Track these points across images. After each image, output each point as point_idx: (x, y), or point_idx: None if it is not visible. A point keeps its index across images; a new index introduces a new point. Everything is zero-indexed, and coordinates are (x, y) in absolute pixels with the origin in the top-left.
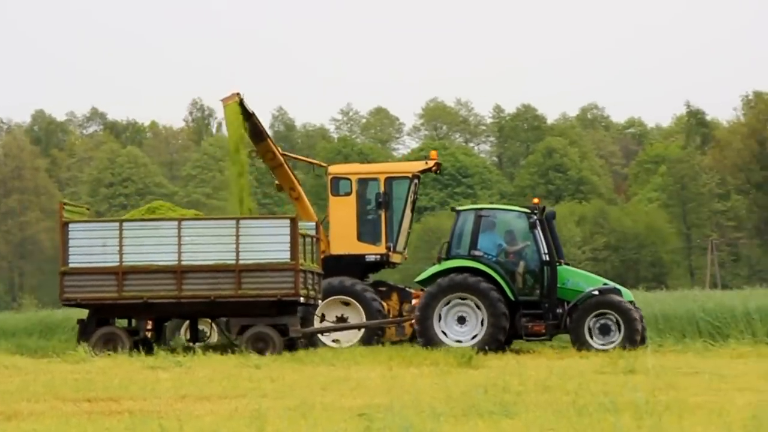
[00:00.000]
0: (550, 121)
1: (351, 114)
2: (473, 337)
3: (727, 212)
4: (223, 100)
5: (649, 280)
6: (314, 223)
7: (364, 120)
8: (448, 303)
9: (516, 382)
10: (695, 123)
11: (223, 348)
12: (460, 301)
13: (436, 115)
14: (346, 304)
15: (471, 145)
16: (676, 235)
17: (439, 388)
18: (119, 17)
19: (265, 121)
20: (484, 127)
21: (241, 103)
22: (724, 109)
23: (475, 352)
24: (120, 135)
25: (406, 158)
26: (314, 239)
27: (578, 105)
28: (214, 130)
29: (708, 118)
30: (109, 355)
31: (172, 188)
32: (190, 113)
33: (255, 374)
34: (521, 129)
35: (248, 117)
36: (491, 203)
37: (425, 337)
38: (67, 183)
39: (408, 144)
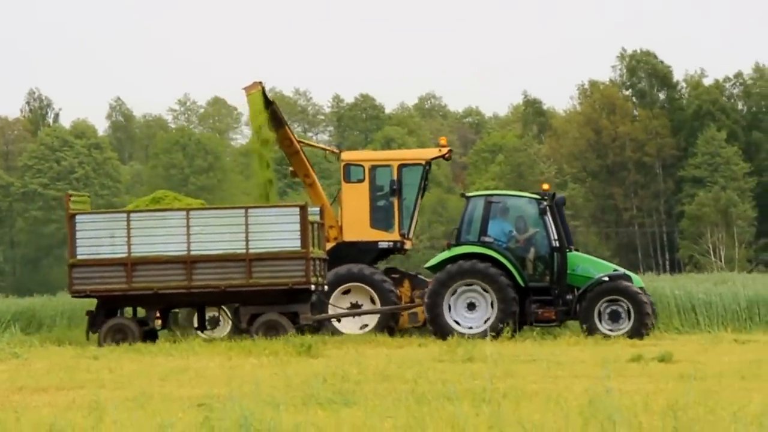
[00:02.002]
0: (388, 110)
1: (189, 104)
2: (485, 322)
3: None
4: (245, 89)
5: None
6: (319, 209)
7: (202, 110)
8: (457, 290)
9: (355, 371)
10: (532, 112)
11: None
12: (469, 287)
13: None
14: (352, 291)
15: (310, 134)
16: None
17: (279, 378)
18: None
19: (102, 111)
20: (322, 117)
21: (263, 92)
22: (560, 99)
23: (489, 338)
24: None
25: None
26: (320, 225)
27: (416, 94)
28: (51, 121)
29: (545, 107)
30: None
31: (8, 179)
32: (27, 103)
33: (93, 365)
34: (360, 118)
35: (269, 105)
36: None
37: (435, 324)
38: None
39: (246, 134)
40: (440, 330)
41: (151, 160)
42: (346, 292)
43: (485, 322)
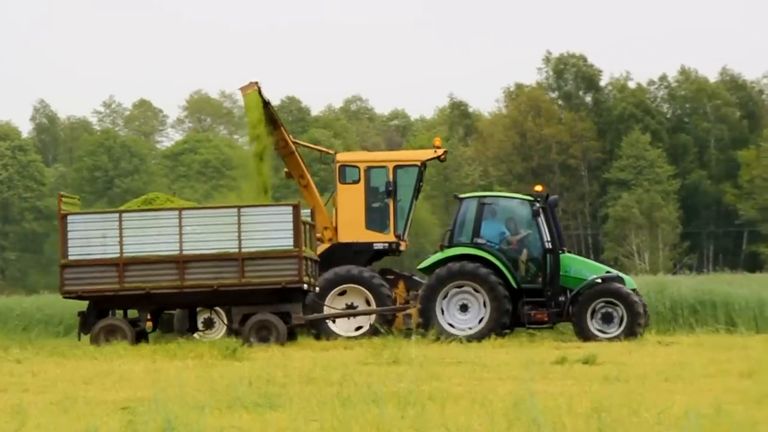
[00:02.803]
0: (314, 112)
1: (114, 106)
2: (480, 322)
3: None
4: (242, 89)
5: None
6: (310, 210)
7: (127, 112)
8: (448, 293)
9: (280, 374)
10: (458, 115)
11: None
12: (460, 289)
13: (200, 107)
14: (348, 292)
15: (235, 137)
16: (440, 226)
17: (204, 381)
18: None
19: (26, 113)
20: (248, 119)
21: (259, 92)
22: (487, 101)
23: (479, 339)
24: None
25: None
26: (311, 226)
27: (342, 97)
28: None
29: (471, 110)
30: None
31: None
32: None
33: (16, 369)
34: (286, 120)
35: (265, 105)
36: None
37: (428, 326)
38: None
39: (172, 136)
40: (434, 332)
41: (75, 163)
42: (342, 293)
43: (480, 322)
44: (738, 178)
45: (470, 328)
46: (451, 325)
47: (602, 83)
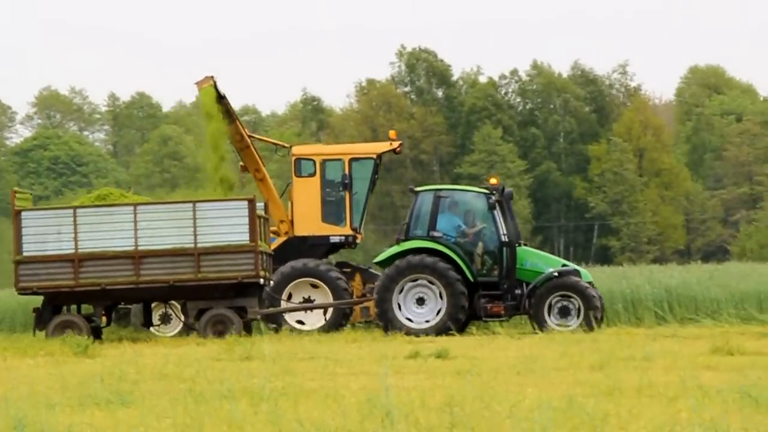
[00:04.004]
0: (165, 108)
1: None
2: (436, 315)
3: None
4: (197, 84)
5: None
6: (263, 204)
7: None
8: (406, 285)
9: (132, 371)
10: (311, 110)
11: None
12: (416, 282)
13: (49, 103)
14: (314, 286)
15: (86, 133)
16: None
17: (55, 378)
18: None
19: None
20: (98, 116)
21: (215, 86)
22: (339, 97)
23: (434, 334)
24: None
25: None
26: (265, 220)
27: (194, 92)
28: None
29: (324, 105)
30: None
31: None
32: None
33: None
34: (137, 117)
35: (220, 99)
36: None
37: (385, 319)
38: None
39: (21, 133)
40: (391, 325)
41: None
42: (314, 286)
43: (437, 314)
44: (588, 172)
45: (427, 321)
46: (409, 320)
47: (453, 78)
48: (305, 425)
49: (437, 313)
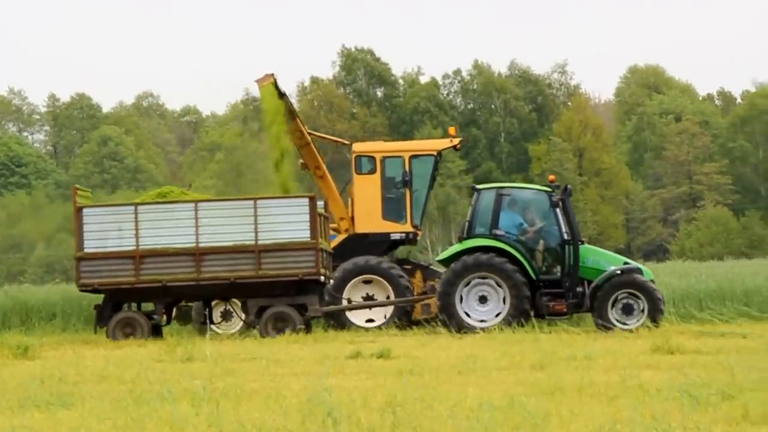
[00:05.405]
0: (105, 109)
1: None
2: (496, 316)
3: None
4: (258, 81)
5: None
6: (323, 202)
7: None
8: (469, 282)
9: (73, 373)
10: (254, 110)
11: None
12: (481, 280)
13: None
14: (366, 282)
15: (25, 134)
16: None
17: None
18: None
19: None
20: (38, 117)
21: (275, 84)
22: None
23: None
24: None
25: None
26: (325, 218)
27: (134, 93)
28: None
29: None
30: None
31: None
32: None
33: None
34: (77, 118)
35: (281, 97)
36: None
37: (448, 314)
38: None
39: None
40: (452, 320)
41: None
42: (367, 282)
43: (496, 316)
44: (529, 172)
45: (483, 321)
46: (467, 314)
47: (393, 78)
48: (246, 426)
49: (496, 315)
